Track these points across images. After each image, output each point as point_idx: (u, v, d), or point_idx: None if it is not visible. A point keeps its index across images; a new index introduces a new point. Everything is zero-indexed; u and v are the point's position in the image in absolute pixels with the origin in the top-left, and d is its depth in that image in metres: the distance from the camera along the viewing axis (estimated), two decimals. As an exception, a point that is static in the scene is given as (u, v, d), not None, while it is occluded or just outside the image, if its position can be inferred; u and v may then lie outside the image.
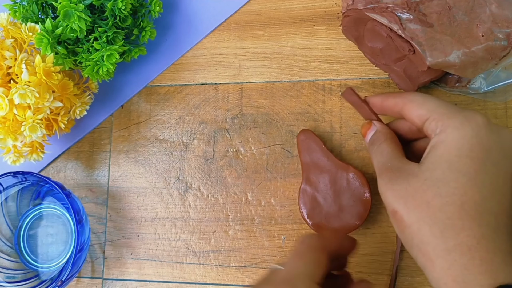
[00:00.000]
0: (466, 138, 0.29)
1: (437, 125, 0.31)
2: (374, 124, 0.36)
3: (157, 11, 0.45)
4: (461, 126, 0.30)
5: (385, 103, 0.36)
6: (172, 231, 0.46)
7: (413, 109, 0.33)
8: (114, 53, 0.42)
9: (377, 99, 0.36)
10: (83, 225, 0.43)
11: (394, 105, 0.35)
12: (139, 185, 0.47)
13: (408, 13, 0.38)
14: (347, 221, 0.39)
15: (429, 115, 0.31)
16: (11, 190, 0.47)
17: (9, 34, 0.42)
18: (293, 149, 0.45)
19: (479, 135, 0.29)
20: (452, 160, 0.29)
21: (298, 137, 0.42)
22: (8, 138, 0.41)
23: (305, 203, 0.41)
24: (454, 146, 0.29)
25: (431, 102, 0.32)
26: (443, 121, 0.30)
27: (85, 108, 0.45)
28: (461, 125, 0.30)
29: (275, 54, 0.46)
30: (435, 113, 0.31)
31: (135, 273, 0.46)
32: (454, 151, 0.29)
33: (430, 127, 0.31)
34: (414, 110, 0.33)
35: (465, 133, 0.29)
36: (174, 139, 0.47)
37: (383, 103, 0.36)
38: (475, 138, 0.29)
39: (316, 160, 0.41)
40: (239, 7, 0.48)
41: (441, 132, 0.30)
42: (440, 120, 0.31)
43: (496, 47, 0.38)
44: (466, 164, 0.29)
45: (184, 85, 0.48)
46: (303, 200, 0.41)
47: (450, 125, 0.30)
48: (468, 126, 0.29)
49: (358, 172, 0.40)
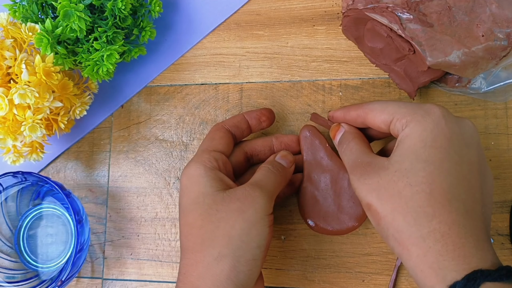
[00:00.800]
0: (428, 130, 0.31)
1: (401, 123, 0.32)
2: (342, 126, 0.38)
3: (157, 11, 0.45)
4: (423, 119, 0.31)
5: (347, 117, 0.38)
6: (172, 231, 0.46)
7: (376, 116, 0.34)
8: (114, 53, 0.42)
9: (339, 114, 0.38)
10: (83, 225, 0.43)
11: (357, 117, 0.36)
12: (139, 185, 0.47)
13: (408, 13, 0.38)
14: (346, 222, 0.39)
15: (392, 117, 0.33)
16: (11, 190, 0.47)
17: (9, 34, 0.42)
18: (293, 149, 0.44)
19: (439, 126, 0.31)
20: (418, 151, 0.30)
21: (301, 133, 0.41)
22: (8, 138, 0.41)
23: (304, 201, 0.41)
24: (418, 138, 0.31)
25: (391, 105, 0.34)
26: (406, 118, 0.32)
27: (85, 108, 0.45)
28: (423, 119, 0.31)
29: (275, 54, 0.46)
30: (397, 114, 0.33)
31: (135, 273, 0.46)
32: (419, 143, 0.31)
33: (396, 127, 0.33)
34: (377, 117, 0.34)
35: (427, 125, 0.31)
36: (174, 139, 0.47)
37: (345, 118, 0.38)
38: (436, 128, 0.31)
39: (319, 159, 0.40)
40: (239, 7, 0.48)
41: (405, 127, 0.32)
42: (403, 118, 0.32)
43: (496, 47, 0.38)
44: (432, 154, 0.30)
45: (184, 85, 0.48)
46: (302, 198, 0.41)
47: (412, 120, 0.32)
48: (429, 119, 0.31)
49: None
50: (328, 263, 0.43)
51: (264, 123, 0.41)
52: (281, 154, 0.39)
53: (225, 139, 0.38)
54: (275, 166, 0.38)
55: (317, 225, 0.40)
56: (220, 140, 0.38)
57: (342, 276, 0.42)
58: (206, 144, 0.38)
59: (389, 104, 0.34)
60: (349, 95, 0.44)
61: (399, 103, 0.34)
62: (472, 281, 0.27)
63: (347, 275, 0.42)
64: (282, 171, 0.38)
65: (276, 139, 0.41)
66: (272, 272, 0.43)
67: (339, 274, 0.42)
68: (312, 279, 0.43)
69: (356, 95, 0.44)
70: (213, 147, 0.38)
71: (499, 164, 0.41)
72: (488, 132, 0.42)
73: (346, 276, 0.42)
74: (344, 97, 0.44)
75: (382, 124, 0.34)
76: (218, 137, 0.38)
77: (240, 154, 0.40)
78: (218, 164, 0.36)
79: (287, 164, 0.39)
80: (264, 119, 0.40)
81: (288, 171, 0.38)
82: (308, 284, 0.43)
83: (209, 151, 0.37)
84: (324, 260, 0.43)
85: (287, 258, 0.43)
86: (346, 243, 0.43)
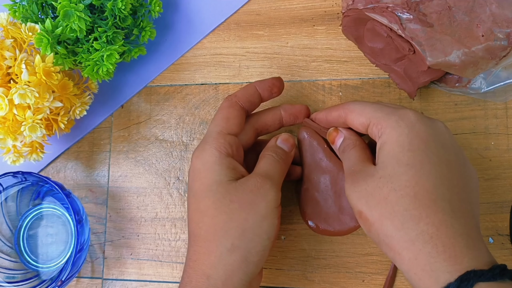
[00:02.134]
0: (404, 134, 0.31)
1: (378, 128, 0.33)
2: (341, 131, 0.38)
3: (157, 11, 0.45)
4: (397, 124, 0.32)
5: (329, 117, 0.38)
6: (172, 231, 0.46)
7: (355, 118, 0.35)
8: (114, 53, 0.42)
9: (322, 115, 0.39)
10: (83, 225, 0.43)
11: (338, 117, 0.37)
12: (139, 185, 0.47)
13: (408, 13, 0.38)
14: (347, 223, 0.39)
15: (369, 121, 0.34)
16: (11, 190, 0.47)
17: (9, 34, 0.42)
18: (293, 149, 0.44)
19: (414, 129, 0.32)
20: (397, 156, 0.31)
21: (299, 135, 0.41)
22: (8, 138, 0.41)
23: (305, 203, 0.41)
24: (396, 143, 0.31)
25: (368, 108, 0.34)
26: (381, 124, 0.33)
27: (85, 108, 0.45)
28: (397, 124, 0.32)
29: (275, 54, 0.46)
30: (373, 118, 0.33)
31: (135, 273, 0.46)
32: (397, 148, 0.31)
33: (373, 132, 0.34)
34: (355, 119, 0.35)
35: (402, 130, 0.32)
36: (174, 139, 0.47)
37: (327, 118, 0.38)
38: (412, 132, 0.31)
39: (318, 160, 0.40)
40: (239, 7, 0.48)
41: (382, 134, 0.33)
42: (379, 124, 0.33)
43: (496, 47, 0.38)
44: (411, 157, 0.31)
45: (184, 85, 0.48)
46: (303, 200, 0.41)
47: (388, 126, 0.32)
48: (403, 123, 0.32)
49: None
50: (328, 263, 0.43)
51: (275, 94, 0.40)
52: (282, 137, 0.39)
53: (239, 118, 0.38)
54: (279, 154, 0.38)
55: (318, 226, 0.40)
56: (235, 120, 0.37)
57: (342, 276, 0.42)
58: (221, 124, 0.37)
59: (366, 106, 0.34)
60: (349, 95, 0.44)
61: (376, 107, 0.34)
62: (465, 282, 0.27)
63: (347, 275, 0.42)
64: (285, 157, 0.38)
65: (284, 111, 0.40)
66: (272, 272, 0.43)
67: (339, 274, 0.42)
68: (312, 279, 0.43)
69: (356, 95, 0.44)
70: (228, 129, 0.37)
71: (499, 164, 0.41)
72: (488, 132, 0.42)
73: (346, 276, 0.42)
74: (344, 97, 0.44)
75: (360, 126, 0.35)
76: (232, 116, 0.37)
77: (250, 131, 0.39)
78: (232, 150, 0.36)
79: (288, 148, 0.39)
80: (275, 90, 0.40)
81: (290, 156, 0.39)
82: (308, 284, 0.43)
83: (224, 135, 0.36)
84: (324, 260, 0.43)
85: (287, 258, 0.43)
86: (346, 243, 0.43)
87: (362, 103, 0.35)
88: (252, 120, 0.40)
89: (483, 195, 0.41)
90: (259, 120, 0.40)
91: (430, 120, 0.33)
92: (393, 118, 0.32)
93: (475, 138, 0.42)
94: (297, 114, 0.40)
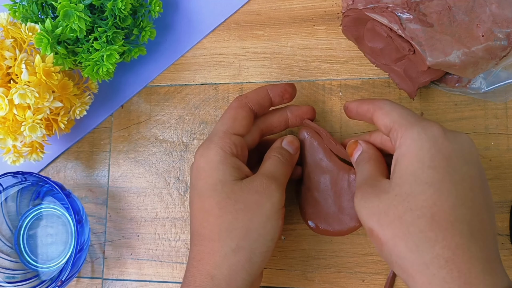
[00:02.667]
0: (425, 149, 0.30)
1: (398, 136, 0.32)
2: (360, 144, 0.37)
3: (157, 11, 0.45)
4: (419, 137, 0.30)
5: (359, 109, 0.37)
6: (172, 231, 0.46)
7: (380, 117, 0.34)
8: (114, 53, 0.42)
9: (353, 105, 0.38)
10: (83, 225, 0.43)
11: (367, 111, 0.36)
12: (139, 185, 0.47)
13: (408, 13, 0.38)
14: (346, 223, 0.39)
15: (392, 125, 0.33)
16: (11, 190, 0.47)
17: (9, 34, 0.42)
18: (293, 149, 0.44)
19: (437, 145, 0.30)
20: (416, 173, 0.29)
21: (299, 135, 0.41)
22: (8, 138, 0.41)
23: (305, 203, 0.41)
24: (415, 158, 0.30)
25: (395, 111, 0.33)
26: (402, 132, 0.31)
27: (85, 108, 0.45)
28: (419, 136, 0.30)
29: (275, 54, 0.46)
30: (396, 124, 0.32)
31: (135, 273, 0.46)
32: (417, 163, 0.30)
33: (393, 137, 0.32)
34: (381, 118, 0.34)
35: (423, 144, 0.30)
36: (174, 139, 0.47)
37: (358, 109, 0.37)
38: (434, 148, 0.30)
39: (318, 160, 0.40)
40: (239, 7, 0.48)
41: (401, 144, 0.31)
42: (400, 132, 0.32)
43: (496, 47, 0.38)
44: (430, 175, 0.29)
45: (184, 85, 0.48)
46: (303, 200, 0.41)
47: (408, 137, 0.31)
48: (425, 137, 0.30)
49: None
50: (328, 263, 0.43)
51: (286, 100, 0.40)
52: (288, 139, 0.39)
53: (247, 119, 0.37)
54: (284, 155, 0.38)
55: (318, 226, 0.40)
56: (242, 121, 0.37)
57: (342, 276, 0.42)
58: (228, 123, 0.37)
59: (394, 109, 0.33)
60: (349, 95, 0.44)
61: (403, 113, 0.33)
62: None
63: (347, 275, 0.42)
64: (289, 159, 0.38)
65: (291, 113, 0.40)
66: (272, 272, 0.43)
67: (339, 274, 0.42)
68: (312, 279, 0.43)
69: (356, 95, 0.44)
70: (234, 129, 0.36)
71: (499, 164, 0.41)
72: (488, 132, 0.42)
73: (346, 276, 0.42)
74: (344, 97, 0.44)
75: (383, 127, 0.34)
76: (240, 117, 0.37)
77: (256, 132, 0.39)
78: (237, 150, 0.36)
79: (293, 150, 0.39)
80: (287, 96, 0.39)
81: (294, 158, 0.39)
82: (308, 284, 0.43)
83: (230, 135, 0.36)
84: (324, 260, 0.43)
85: (287, 258, 0.43)
86: (346, 243, 0.43)
87: (392, 104, 0.34)
88: (258, 121, 0.39)
89: (483, 195, 0.41)
90: (265, 121, 0.40)
91: (455, 134, 0.31)
92: (416, 129, 0.31)
93: (475, 138, 0.42)
94: (303, 115, 0.40)
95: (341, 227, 0.39)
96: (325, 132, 0.39)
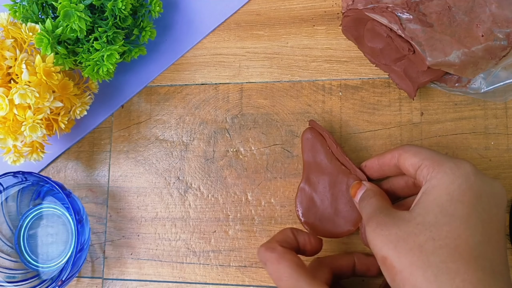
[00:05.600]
0: (456, 183, 0.30)
1: (428, 171, 0.32)
2: (364, 184, 0.37)
3: (157, 11, 0.45)
4: (451, 171, 0.30)
5: (380, 161, 0.37)
6: (172, 231, 0.46)
7: (407, 158, 0.34)
8: (114, 53, 0.42)
9: (373, 161, 0.38)
10: (83, 225, 0.43)
11: (391, 158, 0.36)
12: (139, 185, 0.48)
13: (408, 13, 0.38)
14: (341, 226, 0.39)
15: (421, 162, 0.33)
16: (11, 190, 0.47)
17: (9, 34, 0.42)
18: (293, 149, 0.45)
19: (469, 181, 0.30)
20: (444, 205, 0.29)
21: (303, 134, 0.41)
22: (8, 138, 0.41)
23: (301, 202, 0.41)
24: (445, 191, 0.30)
25: (424, 151, 0.33)
26: (434, 167, 0.31)
27: (85, 108, 0.45)
28: (451, 171, 0.30)
29: (275, 54, 0.46)
30: (427, 161, 0.32)
31: (135, 273, 0.46)
32: (446, 196, 0.30)
33: (422, 173, 0.32)
34: (408, 159, 0.34)
35: (455, 179, 0.30)
36: (174, 139, 0.48)
37: (379, 162, 0.37)
38: (465, 183, 0.30)
39: (318, 161, 0.41)
40: (239, 7, 0.48)
41: (431, 178, 0.31)
42: (431, 167, 0.31)
43: (496, 47, 0.38)
44: (458, 208, 0.29)
45: (184, 85, 0.48)
46: (300, 199, 0.41)
47: (440, 171, 0.31)
48: (458, 172, 0.30)
49: (359, 179, 0.39)
50: (328, 263, 0.43)
51: None
52: None
53: None
54: None
55: (312, 225, 0.40)
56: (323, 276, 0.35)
57: (342, 276, 0.42)
58: None
59: (423, 150, 0.34)
60: (349, 95, 0.44)
61: (433, 152, 0.33)
62: None
63: (347, 275, 0.42)
64: None
65: (358, 260, 0.38)
66: (272, 272, 0.43)
67: (339, 274, 0.42)
68: (312, 279, 0.43)
69: (356, 95, 0.44)
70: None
71: (499, 164, 0.41)
72: (488, 132, 0.42)
73: (346, 276, 0.42)
74: (344, 97, 0.44)
75: (410, 167, 0.33)
76: None
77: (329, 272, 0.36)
78: None
79: None
80: None
81: None
82: (308, 284, 0.43)
83: None
84: (324, 260, 0.43)
85: (287, 258, 0.43)
86: (346, 243, 0.43)
87: (418, 147, 0.34)
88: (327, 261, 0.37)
89: (483, 195, 0.41)
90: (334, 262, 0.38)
91: (488, 177, 0.31)
92: (449, 165, 0.31)
93: (475, 138, 0.42)
94: (370, 266, 0.38)
95: (334, 229, 0.40)
96: (328, 135, 0.40)
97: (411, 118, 0.43)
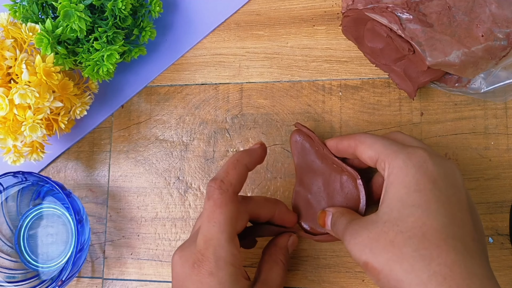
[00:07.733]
0: (410, 175, 0.30)
1: (385, 166, 0.32)
2: (327, 210, 0.38)
3: (157, 11, 0.45)
4: (404, 164, 0.31)
5: (339, 146, 0.38)
6: (172, 231, 0.46)
7: (364, 150, 0.34)
8: (114, 53, 0.42)
9: (333, 142, 0.38)
10: (83, 225, 0.43)
11: (348, 147, 0.36)
12: (139, 185, 0.48)
13: (408, 13, 0.38)
14: None
15: (377, 156, 0.33)
16: (11, 190, 0.47)
17: (9, 34, 0.42)
18: (293, 149, 0.45)
19: (422, 169, 0.30)
20: (403, 198, 0.30)
21: (291, 137, 0.41)
22: (8, 138, 0.41)
23: (298, 205, 0.41)
24: (401, 184, 0.31)
25: (379, 143, 0.34)
26: (389, 162, 0.32)
27: (85, 108, 0.45)
28: (404, 164, 0.31)
29: (275, 54, 0.46)
30: (382, 154, 0.33)
31: (135, 273, 0.46)
32: (403, 189, 0.30)
33: (381, 167, 0.33)
34: (365, 151, 0.34)
35: (408, 171, 0.31)
36: (174, 139, 0.48)
37: (338, 146, 0.38)
38: (419, 172, 0.30)
39: (310, 162, 0.40)
40: (239, 7, 0.48)
41: (389, 174, 0.32)
42: (387, 162, 0.32)
43: (496, 47, 0.38)
44: (417, 198, 0.30)
45: (184, 85, 0.48)
46: (296, 202, 0.41)
47: (395, 166, 0.31)
48: (410, 163, 0.31)
49: (351, 175, 0.39)
50: (328, 263, 0.43)
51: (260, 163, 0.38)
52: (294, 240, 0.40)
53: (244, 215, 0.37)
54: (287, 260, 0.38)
55: (312, 228, 0.40)
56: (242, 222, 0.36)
57: (342, 276, 0.42)
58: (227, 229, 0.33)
59: (377, 140, 0.34)
60: (349, 95, 0.44)
61: (386, 142, 0.33)
62: None
63: (347, 275, 0.42)
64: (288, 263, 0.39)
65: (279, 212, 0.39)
66: (272, 272, 0.43)
67: (339, 274, 0.42)
68: (312, 279, 0.43)
69: (356, 95, 0.44)
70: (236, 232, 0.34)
71: (499, 164, 0.41)
72: (488, 132, 0.42)
73: (346, 276, 0.42)
74: (344, 97, 0.44)
75: (368, 160, 0.34)
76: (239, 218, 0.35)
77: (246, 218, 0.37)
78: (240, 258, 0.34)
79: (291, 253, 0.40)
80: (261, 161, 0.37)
81: None
82: (308, 284, 0.43)
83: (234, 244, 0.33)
84: (324, 260, 0.43)
85: (287, 258, 0.43)
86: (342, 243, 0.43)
87: (373, 137, 0.35)
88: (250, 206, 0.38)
89: (482, 195, 0.41)
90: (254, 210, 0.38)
91: (440, 158, 0.32)
92: (401, 157, 0.31)
93: (474, 138, 0.42)
94: (287, 222, 0.40)
95: None
96: (314, 136, 0.39)
97: (411, 118, 0.43)
